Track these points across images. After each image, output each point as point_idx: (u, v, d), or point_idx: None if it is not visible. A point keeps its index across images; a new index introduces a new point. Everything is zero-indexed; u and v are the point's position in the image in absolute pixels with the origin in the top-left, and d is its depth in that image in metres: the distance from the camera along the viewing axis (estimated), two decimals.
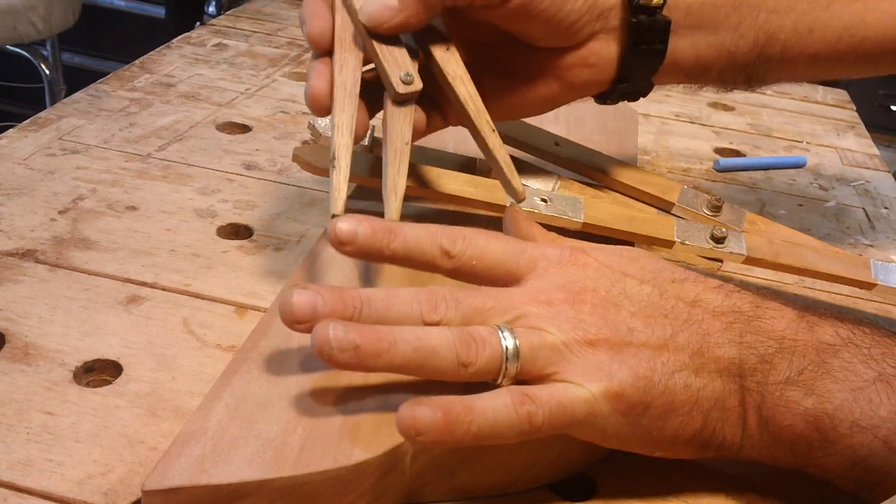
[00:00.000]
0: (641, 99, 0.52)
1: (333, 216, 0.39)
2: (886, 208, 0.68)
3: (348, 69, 0.42)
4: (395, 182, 0.41)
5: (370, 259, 0.37)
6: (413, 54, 0.43)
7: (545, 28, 0.45)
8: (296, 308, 0.34)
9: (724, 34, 0.48)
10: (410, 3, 0.42)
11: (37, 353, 0.41)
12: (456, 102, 0.44)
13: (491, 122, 0.43)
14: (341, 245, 0.36)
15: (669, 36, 0.47)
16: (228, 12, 0.96)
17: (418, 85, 0.42)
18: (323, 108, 0.42)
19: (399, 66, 0.42)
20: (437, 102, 0.46)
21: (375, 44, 0.42)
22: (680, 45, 0.48)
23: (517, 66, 0.48)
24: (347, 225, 0.36)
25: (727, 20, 0.48)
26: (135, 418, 0.38)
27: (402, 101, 0.42)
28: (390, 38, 0.43)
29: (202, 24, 1.41)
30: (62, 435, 0.37)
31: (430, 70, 0.44)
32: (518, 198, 0.43)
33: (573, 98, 0.50)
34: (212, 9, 1.83)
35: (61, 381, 0.40)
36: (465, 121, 0.44)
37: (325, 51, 0.43)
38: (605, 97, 0.51)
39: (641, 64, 0.48)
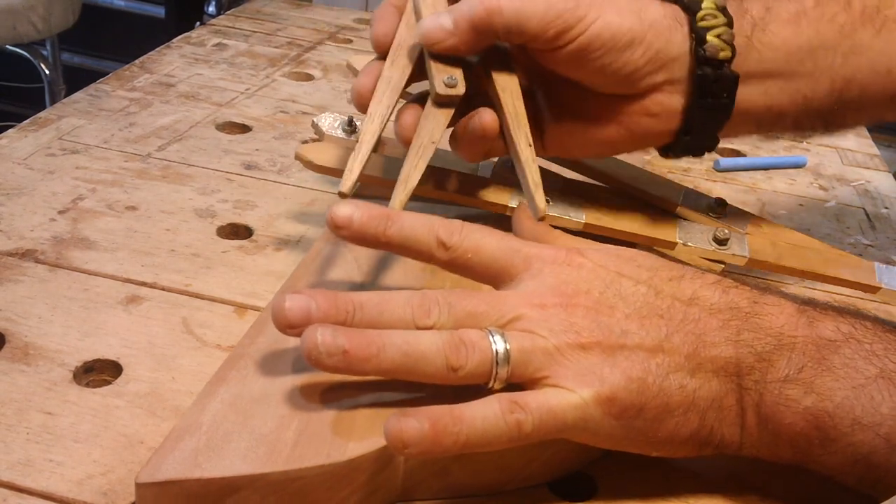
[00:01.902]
0: None
1: (340, 193, 0.41)
2: (886, 208, 0.68)
3: (398, 66, 0.43)
4: (409, 175, 0.41)
5: (366, 245, 0.37)
6: (468, 67, 0.43)
7: (601, 77, 0.43)
8: (289, 313, 0.34)
9: (799, 81, 0.45)
10: (464, 31, 0.41)
11: (36, 353, 0.41)
12: (499, 113, 0.43)
13: (529, 137, 0.43)
14: (338, 228, 0.36)
15: (737, 89, 0.44)
16: (228, 12, 0.96)
17: (461, 90, 0.42)
18: (364, 104, 0.43)
19: (447, 69, 0.42)
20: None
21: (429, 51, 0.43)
22: (750, 95, 0.45)
23: (579, 106, 0.46)
24: (345, 209, 0.36)
25: (802, 66, 0.45)
26: (134, 418, 0.38)
27: (442, 102, 0.42)
28: None
29: (202, 23, 1.41)
30: (62, 435, 0.37)
31: (485, 89, 0.44)
32: (537, 216, 0.42)
33: (635, 147, 0.47)
34: (212, 9, 1.83)
35: (61, 381, 0.40)
36: (506, 132, 0.43)
37: (384, 53, 0.44)
38: (668, 150, 0.48)
39: (706, 117, 0.45)
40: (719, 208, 0.51)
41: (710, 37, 0.43)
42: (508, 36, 0.42)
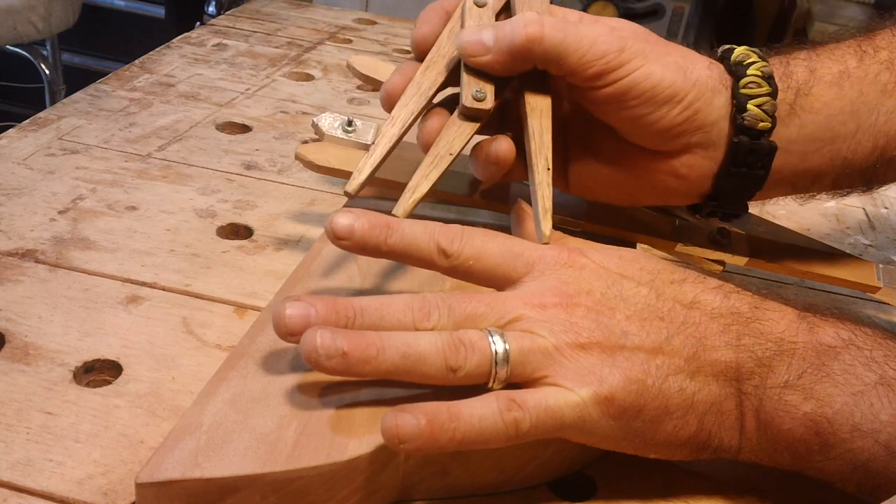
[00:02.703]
0: None
1: (345, 192, 0.40)
2: (886, 208, 0.68)
3: (431, 73, 0.43)
4: (419, 184, 0.41)
5: (367, 254, 0.37)
6: (504, 84, 0.42)
7: (635, 127, 0.42)
8: (289, 320, 0.34)
9: (840, 143, 0.43)
10: (502, 51, 0.40)
11: (37, 353, 0.41)
12: (524, 133, 0.42)
13: (549, 161, 0.41)
14: (338, 240, 0.36)
15: (773, 161, 0.42)
16: (228, 12, 0.96)
17: (488, 105, 0.41)
18: (392, 104, 0.42)
19: (478, 83, 0.41)
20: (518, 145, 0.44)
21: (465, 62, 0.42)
22: (788, 160, 0.43)
23: (608, 150, 0.44)
24: (345, 219, 0.36)
25: (844, 127, 0.43)
26: (135, 418, 0.38)
27: (468, 115, 0.42)
28: None
29: (202, 23, 1.41)
30: (62, 435, 0.37)
31: (516, 112, 0.43)
32: (541, 240, 0.41)
33: (658, 202, 0.46)
34: (211, 9, 1.83)
35: (61, 381, 0.40)
36: (527, 154, 0.42)
37: (422, 56, 0.43)
38: (693, 210, 0.47)
39: (737, 186, 0.43)
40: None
41: (751, 105, 0.41)
42: (546, 66, 0.41)
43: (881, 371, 0.34)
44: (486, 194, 0.49)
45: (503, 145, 0.42)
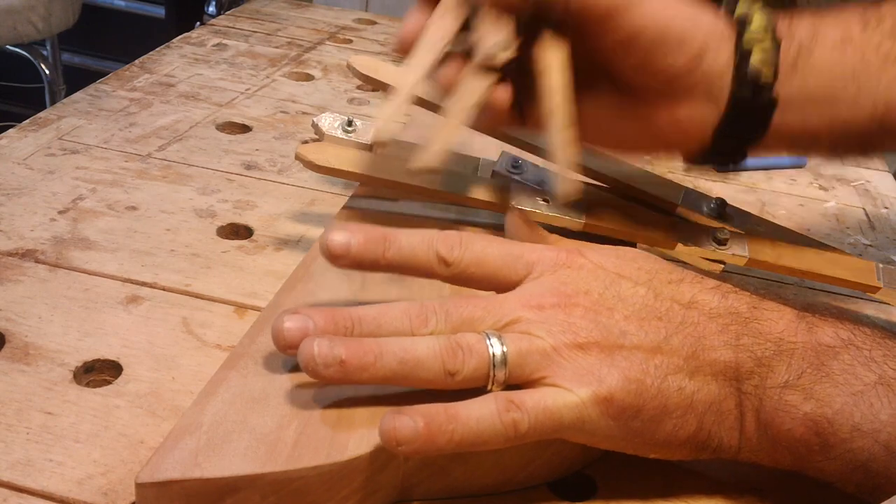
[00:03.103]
0: None
1: (375, 143, 0.39)
2: (886, 208, 0.68)
3: (445, 22, 0.42)
4: (440, 134, 0.40)
5: (366, 269, 0.37)
6: (517, 37, 0.42)
7: (642, 73, 0.42)
8: (287, 334, 0.35)
9: (839, 106, 0.43)
10: None
11: (37, 353, 0.41)
12: (540, 92, 0.42)
13: (568, 118, 0.41)
14: (335, 259, 0.36)
15: (772, 116, 0.43)
16: (228, 12, 0.96)
17: (507, 55, 0.41)
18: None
19: (497, 33, 0.41)
20: (521, 100, 0.44)
21: (482, 9, 0.42)
22: (787, 118, 0.43)
23: (611, 98, 0.44)
24: (340, 237, 0.36)
25: (844, 91, 0.43)
26: (135, 418, 0.38)
27: (485, 67, 0.41)
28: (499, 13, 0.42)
29: (202, 24, 1.41)
30: (62, 435, 0.37)
31: (526, 67, 0.43)
32: (562, 199, 0.42)
33: (656, 153, 0.46)
34: (211, 9, 1.83)
35: (61, 381, 0.40)
36: (543, 110, 0.42)
37: (405, 51, 0.43)
38: (691, 162, 0.47)
39: (737, 138, 0.44)
40: (719, 208, 0.51)
41: (754, 57, 0.41)
42: (556, 4, 0.40)
43: (880, 371, 0.34)
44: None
45: (500, 94, 0.41)
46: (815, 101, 0.43)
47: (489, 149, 0.53)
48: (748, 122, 0.43)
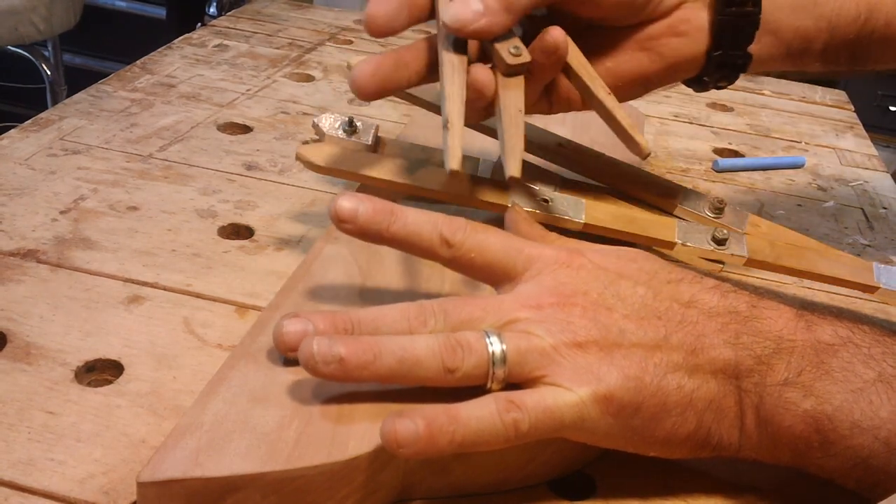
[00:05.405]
0: (641, 100, 0.51)
1: (451, 172, 0.40)
2: (885, 208, 0.68)
3: (455, 51, 0.43)
4: (514, 143, 0.41)
5: (368, 240, 0.37)
6: (525, 35, 0.44)
7: (623, 8, 0.45)
8: (287, 337, 0.35)
9: (824, 5, 0.47)
10: (495, 9, 0.41)
11: (38, 353, 0.41)
12: (568, 75, 0.44)
13: (605, 86, 0.44)
14: (341, 222, 0.37)
15: (760, 4, 0.46)
16: (229, 13, 0.96)
17: (527, 56, 0.42)
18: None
19: (507, 41, 0.43)
20: (545, 88, 0.46)
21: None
22: (778, 17, 0.47)
23: (606, 45, 0.47)
24: (349, 203, 0.36)
25: None
26: (136, 418, 0.38)
27: (512, 73, 0.43)
28: None
29: (203, 24, 1.42)
30: (63, 434, 0.37)
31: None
32: (642, 154, 0.44)
33: (667, 74, 0.48)
34: (213, 10, 1.83)
35: (62, 381, 0.40)
36: (580, 89, 0.45)
37: (378, 35, 0.44)
38: (702, 75, 0.49)
39: (735, 29, 0.46)
40: (718, 208, 0.52)
41: None
42: None
43: (879, 368, 0.34)
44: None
45: (481, 74, 0.42)
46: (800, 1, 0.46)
47: (489, 149, 0.53)
48: (739, 10, 0.45)
